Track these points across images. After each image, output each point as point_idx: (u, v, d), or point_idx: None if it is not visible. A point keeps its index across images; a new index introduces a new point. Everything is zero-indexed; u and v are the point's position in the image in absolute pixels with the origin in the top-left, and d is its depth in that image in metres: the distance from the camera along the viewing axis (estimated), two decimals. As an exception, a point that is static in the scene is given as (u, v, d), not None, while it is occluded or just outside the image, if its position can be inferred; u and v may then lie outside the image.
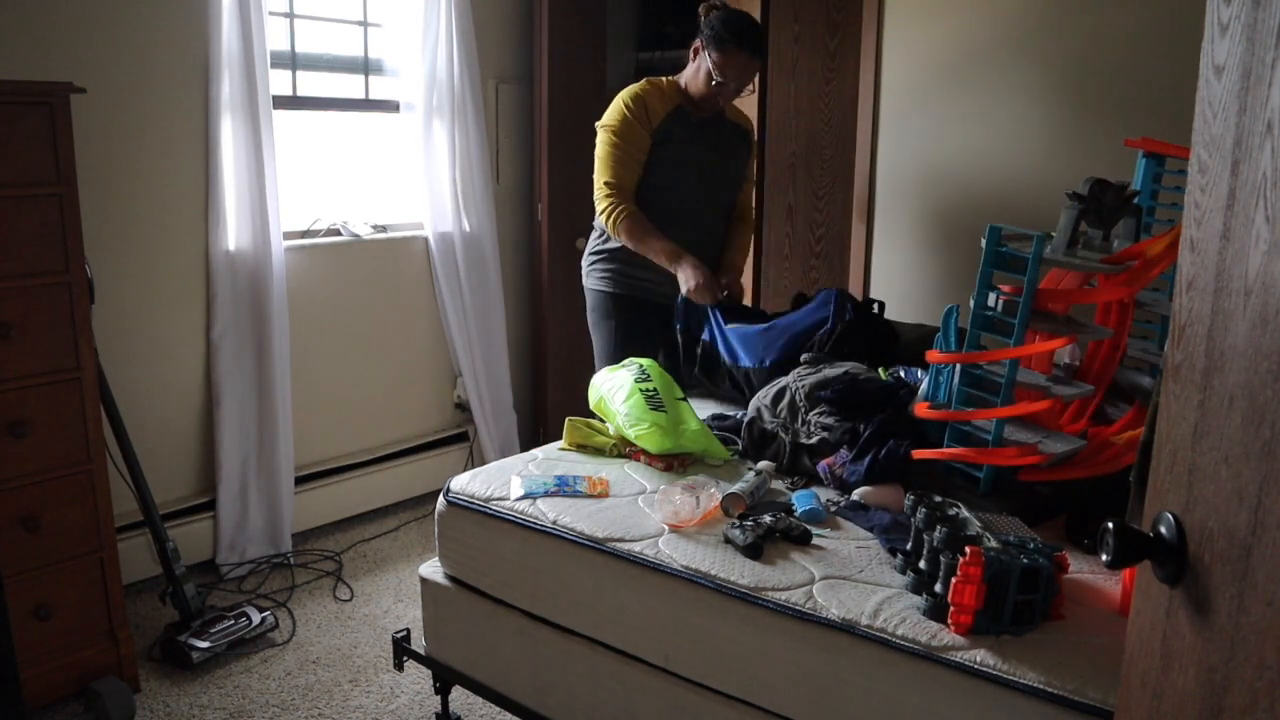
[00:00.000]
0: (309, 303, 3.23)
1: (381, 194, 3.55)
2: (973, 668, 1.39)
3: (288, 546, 3.12)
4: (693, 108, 2.63)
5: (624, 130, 2.56)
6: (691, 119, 2.63)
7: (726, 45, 2.49)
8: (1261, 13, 0.74)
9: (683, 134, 2.60)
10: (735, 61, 2.51)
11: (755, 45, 2.53)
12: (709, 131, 2.66)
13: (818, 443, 2.02)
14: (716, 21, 2.53)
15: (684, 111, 2.62)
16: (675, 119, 2.60)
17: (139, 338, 2.84)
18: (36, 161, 2.08)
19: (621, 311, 2.71)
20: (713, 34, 2.51)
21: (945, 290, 3.16)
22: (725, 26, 2.51)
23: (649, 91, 2.59)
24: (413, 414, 3.64)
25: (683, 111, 2.61)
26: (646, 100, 2.58)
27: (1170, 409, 0.88)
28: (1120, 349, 2.06)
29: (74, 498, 2.23)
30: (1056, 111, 2.89)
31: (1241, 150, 0.76)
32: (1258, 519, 0.73)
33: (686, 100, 2.62)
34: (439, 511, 2.04)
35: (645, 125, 2.57)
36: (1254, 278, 0.74)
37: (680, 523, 1.80)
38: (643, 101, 2.57)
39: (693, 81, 2.58)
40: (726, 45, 2.49)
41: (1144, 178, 2.15)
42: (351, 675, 2.49)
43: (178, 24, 2.79)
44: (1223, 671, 0.76)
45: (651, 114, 2.57)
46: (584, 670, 1.83)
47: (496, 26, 3.69)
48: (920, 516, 1.59)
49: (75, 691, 2.29)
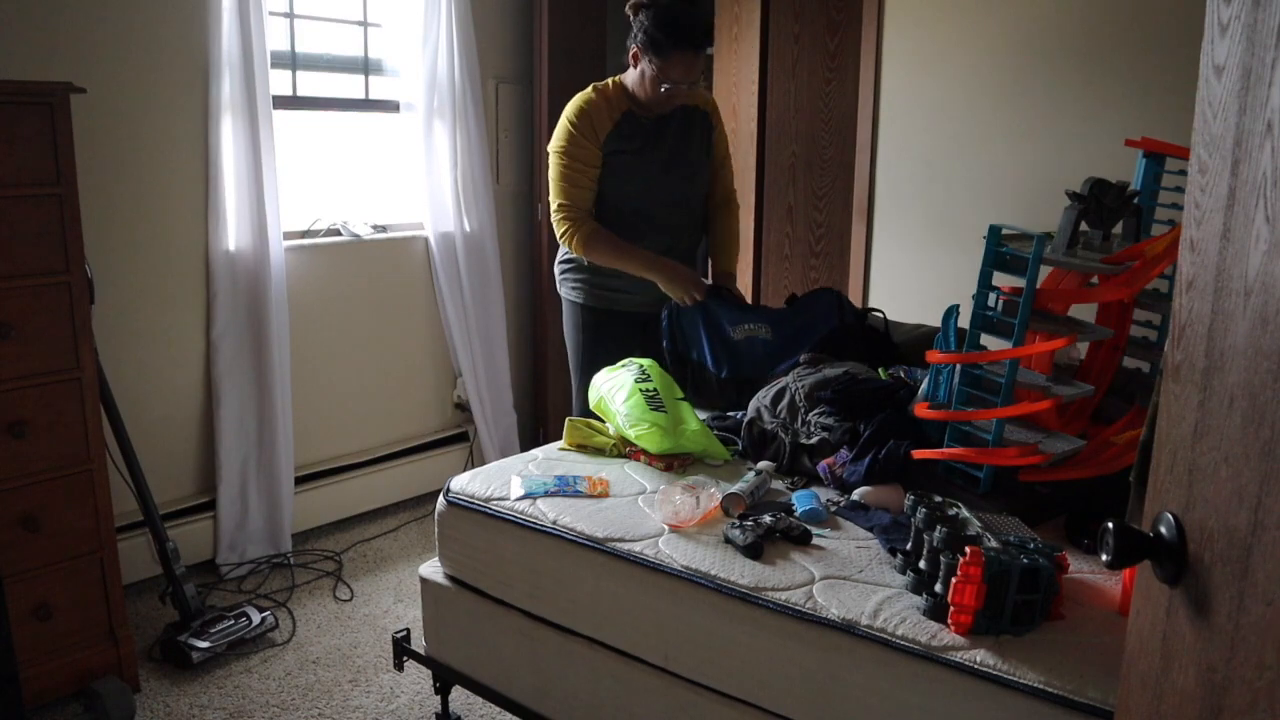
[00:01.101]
0: (309, 303, 3.23)
1: (381, 194, 3.55)
2: (973, 668, 1.39)
3: (288, 546, 3.12)
4: (640, 109, 2.52)
5: (571, 149, 2.46)
6: (642, 120, 2.52)
7: (665, 49, 2.34)
8: (1261, 13, 0.74)
9: (634, 141, 2.49)
10: (678, 62, 2.36)
11: (697, 40, 2.39)
12: (660, 129, 2.54)
13: (818, 443, 2.02)
14: (648, 23, 2.36)
15: (632, 115, 2.50)
16: (624, 126, 2.48)
17: (139, 338, 2.84)
18: (36, 161, 2.08)
19: (591, 323, 2.65)
20: (648, 39, 2.36)
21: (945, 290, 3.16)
22: (659, 28, 2.34)
23: (593, 103, 2.47)
24: (413, 414, 3.64)
25: (631, 116, 2.49)
26: (592, 114, 2.46)
27: (1170, 409, 0.88)
28: (1120, 349, 2.06)
29: (74, 498, 2.23)
30: (1057, 111, 2.89)
31: (1241, 150, 0.76)
32: (1258, 519, 0.73)
33: (633, 102, 2.50)
34: (439, 511, 2.04)
35: (593, 140, 2.45)
36: (1254, 278, 0.74)
37: (680, 523, 1.80)
38: (588, 116, 2.46)
39: (639, 88, 2.46)
40: (665, 49, 2.34)
41: (1144, 178, 2.15)
42: (351, 675, 2.49)
43: (178, 24, 2.79)
44: (1223, 671, 0.76)
45: (599, 127, 2.46)
46: (584, 670, 1.83)
47: (496, 26, 3.69)
48: (920, 516, 1.59)
49: (75, 691, 2.29)
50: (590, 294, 2.63)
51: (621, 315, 2.62)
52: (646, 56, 2.39)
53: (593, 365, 2.61)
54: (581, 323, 2.67)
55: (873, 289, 3.41)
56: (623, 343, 2.59)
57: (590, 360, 2.64)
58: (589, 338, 2.66)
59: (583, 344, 2.68)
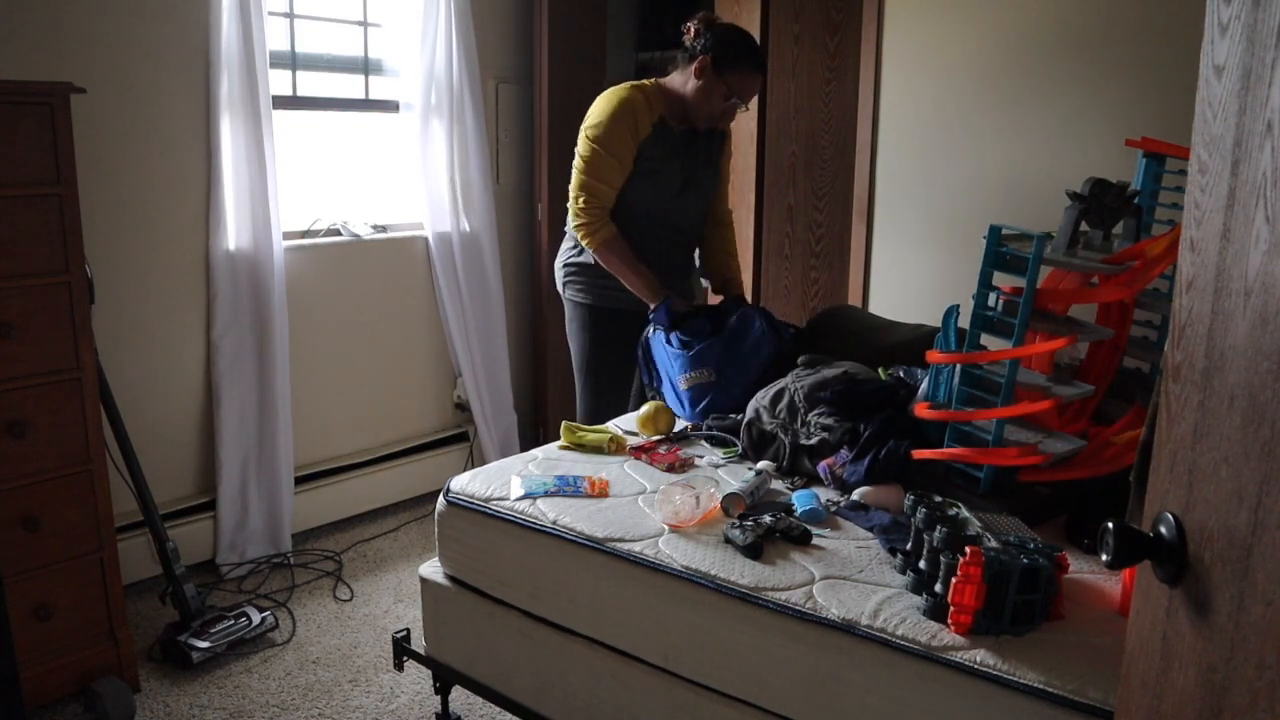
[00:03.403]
0: (309, 303, 3.23)
1: (381, 194, 3.55)
2: (973, 668, 1.39)
3: (288, 546, 3.12)
4: (673, 118, 2.54)
5: (610, 141, 2.46)
6: (672, 131, 2.54)
7: (741, 65, 2.44)
8: (1261, 13, 0.74)
9: (662, 149, 2.52)
10: (749, 79, 2.47)
11: (763, 63, 2.49)
12: (686, 143, 2.57)
13: (818, 443, 2.02)
14: (723, 41, 2.44)
15: (664, 123, 2.52)
16: (657, 132, 2.51)
17: (139, 338, 2.84)
18: (36, 161, 2.08)
19: (597, 323, 2.66)
20: (725, 55, 2.43)
21: (945, 290, 3.16)
22: (734, 47, 2.45)
23: (638, 101, 2.48)
24: (413, 414, 3.64)
25: (663, 123, 2.52)
26: (636, 111, 2.47)
27: (1170, 409, 0.88)
28: (1120, 349, 2.06)
29: (74, 498, 2.23)
30: (1057, 111, 2.89)
31: (1241, 150, 0.76)
32: (1258, 519, 0.73)
33: (667, 110, 2.53)
34: (439, 511, 2.04)
35: (634, 138, 2.48)
36: (1254, 278, 0.74)
37: (680, 523, 1.80)
38: (632, 114, 2.47)
39: (699, 102, 2.49)
40: (741, 65, 2.44)
41: (1144, 178, 2.15)
42: (351, 675, 2.49)
43: (178, 24, 2.79)
44: (1223, 671, 0.76)
45: (640, 126, 2.48)
46: (584, 670, 1.84)
47: (496, 26, 3.69)
48: (920, 516, 1.59)
49: (75, 691, 2.29)
50: (595, 294, 2.64)
51: (625, 314, 2.63)
52: (718, 70, 2.44)
53: (599, 365, 2.62)
54: (587, 323, 2.68)
55: (873, 289, 3.41)
56: (627, 342, 2.60)
57: (597, 360, 2.65)
58: (594, 338, 2.67)
59: (588, 344, 2.69)
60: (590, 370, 2.70)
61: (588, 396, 2.73)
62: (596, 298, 2.64)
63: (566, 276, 2.71)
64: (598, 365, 2.68)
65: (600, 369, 2.70)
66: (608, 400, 2.70)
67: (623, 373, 2.70)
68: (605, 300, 2.64)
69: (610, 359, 2.64)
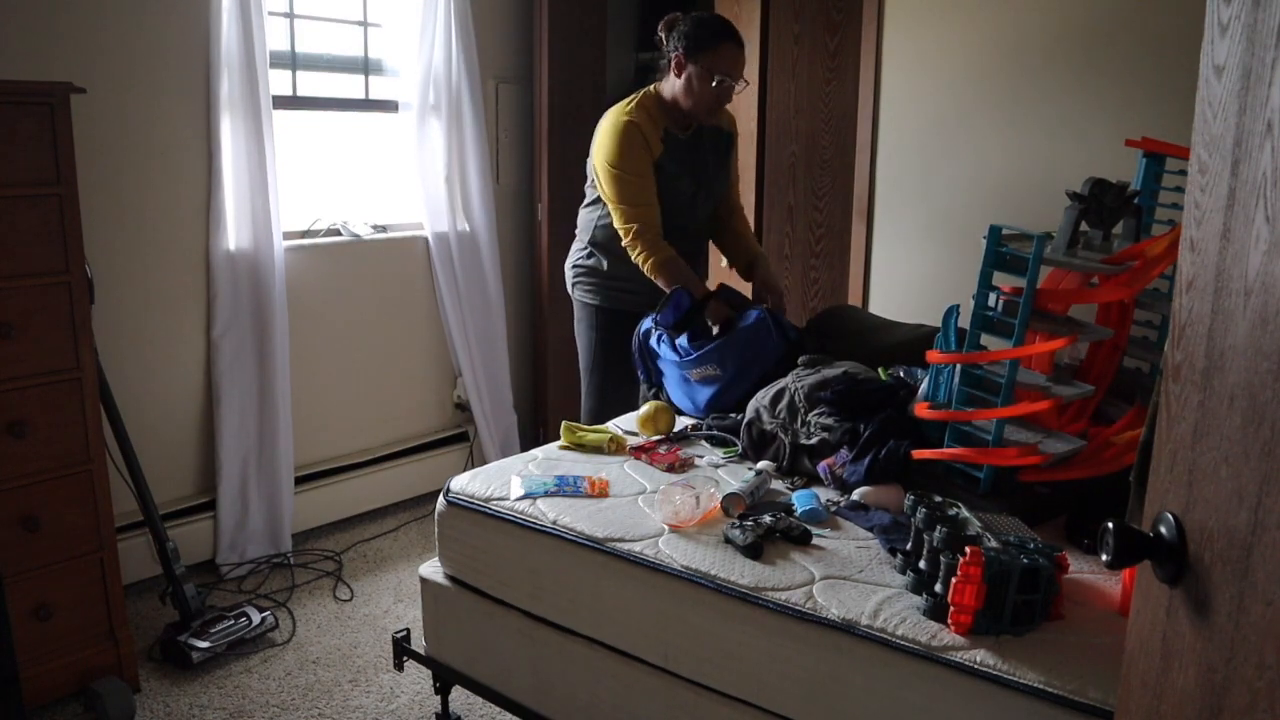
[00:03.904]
0: (309, 303, 3.23)
1: (381, 194, 3.55)
2: (973, 668, 1.39)
3: (288, 546, 3.12)
4: (676, 126, 2.57)
5: (633, 164, 2.49)
6: (679, 138, 2.58)
7: (713, 42, 2.45)
8: (1261, 13, 0.74)
9: (676, 164, 2.56)
10: (727, 54, 2.47)
11: (737, 35, 2.49)
12: (694, 147, 2.61)
13: (818, 443, 2.02)
14: (689, 28, 2.48)
15: (670, 133, 2.56)
16: (668, 146, 2.55)
17: (139, 338, 2.84)
18: (36, 161, 2.08)
19: (605, 324, 2.70)
20: (694, 39, 2.46)
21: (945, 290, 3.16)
22: (700, 28, 2.47)
23: (641, 121, 2.51)
24: (413, 414, 3.64)
25: (669, 133, 2.56)
26: (643, 131, 2.50)
27: (1170, 409, 0.88)
28: (1120, 349, 2.06)
29: (74, 498, 2.23)
30: (1057, 111, 2.89)
31: (1241, 150, 0.76)
32: (1258, 519, 0.73)
33: (669, 120, 2.56)
34: (439, 511, 2.04)
35: (649, 155, 2.52)
36: (1254, 278, 0.74)
37: (680, 523, 1.80)
38: (640, 133, 2.50)
39: (688, 95, 2.50)
40: (713, 42, 2.45)
41: (1144, 178, 2.15)
42: (351, 675, 2.49)
43: (178, 24, 2.79)
44: (1223, 671, 0.76)
45: (652, 145, 2.52)
46: (584, 670, 1.83)
47: (496, 26, 3.69)
48: (920, 516, 1.59)
49: (75, 691, 2.29)
50: (604, 296, 2.68)
51: (633, 316, 2.65)
52: (693, 58, 2.46)
53: (606, 365, 2.64)
54: (594, 323, 2.72)
55: (873, 289, 3.41)
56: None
57: (604, 360, 2.68)
58: (601, 338, 2.71)
59: (594, 344, 2.73)
60: (596, 370, 2.74)
61: (592, 396, 2.77)
62: (604, 299, 2.69)
63: (575, 277, 2.75)
64: (604, 365, 2.71)
65: (606, 369, 2.73)
66: (611, 401, 2.72)
67: (627, 373, 2.72)
68: (613, 302, 2.68)
69: (616, 360, 2.66)
